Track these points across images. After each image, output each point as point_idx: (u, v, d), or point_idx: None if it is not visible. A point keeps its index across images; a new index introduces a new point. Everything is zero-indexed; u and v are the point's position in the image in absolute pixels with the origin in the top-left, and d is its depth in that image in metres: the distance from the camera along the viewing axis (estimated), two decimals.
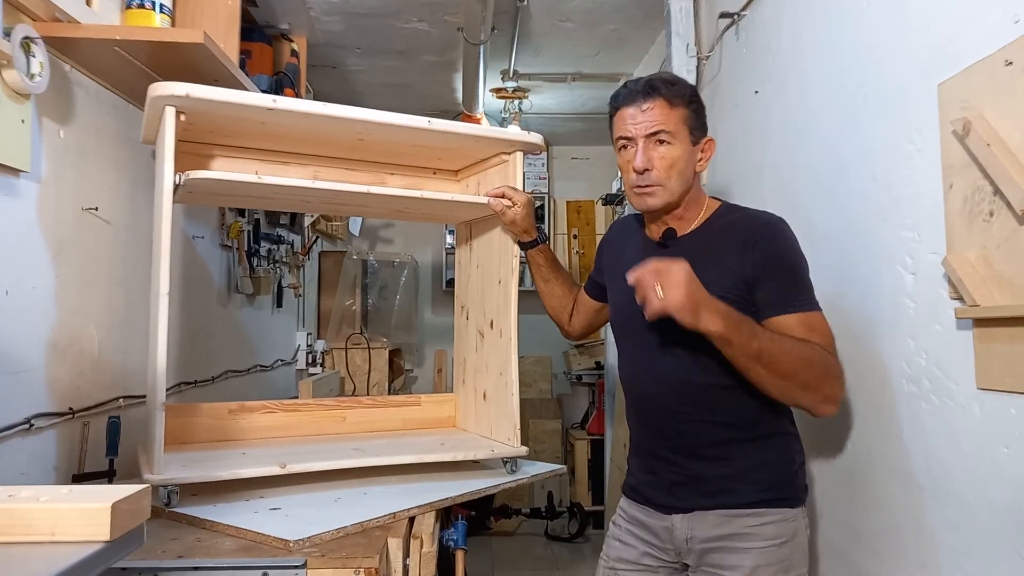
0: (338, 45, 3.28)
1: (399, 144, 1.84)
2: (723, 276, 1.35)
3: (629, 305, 1.41)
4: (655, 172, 1.39)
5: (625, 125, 1.41)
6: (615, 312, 1.58)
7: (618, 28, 3.14)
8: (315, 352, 4.01)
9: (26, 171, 1.50)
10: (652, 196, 1.41)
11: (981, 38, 1.19)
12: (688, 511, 1.41)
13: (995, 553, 1.17)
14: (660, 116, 1.38)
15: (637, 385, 1.50)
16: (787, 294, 1.35)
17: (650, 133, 1.38)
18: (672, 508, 1.43)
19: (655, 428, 1.47)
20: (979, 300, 1.16)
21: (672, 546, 1.43)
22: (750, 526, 1.36)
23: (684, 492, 1.42)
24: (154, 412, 1.44)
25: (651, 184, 1.40)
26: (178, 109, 1.44)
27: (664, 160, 1.39)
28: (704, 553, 1.39)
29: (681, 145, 1.39)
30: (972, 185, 1.19)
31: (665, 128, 1.38)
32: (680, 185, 1.41)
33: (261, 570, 1.25)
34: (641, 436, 1.52)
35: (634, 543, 1.49)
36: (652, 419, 1.47)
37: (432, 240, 5.35)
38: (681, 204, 1.44)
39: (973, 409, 1.22)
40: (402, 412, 2.12)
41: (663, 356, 1.41)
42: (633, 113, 1.39)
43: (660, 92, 1.39)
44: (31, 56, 1.44)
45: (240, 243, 2.89)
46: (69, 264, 1.68)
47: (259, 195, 1.81)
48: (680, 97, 1.40)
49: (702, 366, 1.37)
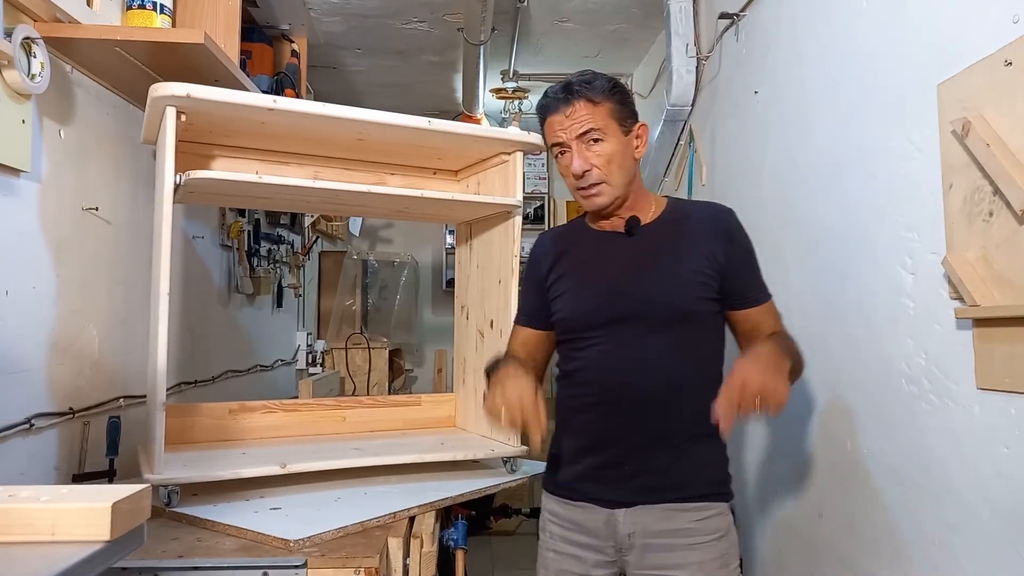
0: (338, 45, 3.28)
1: (399, 144, 1.84)
2: (699, 259, 1.38)
3: (603, 293, 1.42)
4: (595, 171, 1.39)
5: (555, 132, 1.41)
6: (578, 307, 1.48)
7: (618, 28, 3.14)
8: (315, 352, 4.01)
9: (26, 171, 1.50)
10: (599, 195, 1.41)
11: (981, 38, 1.19)
12: (632, 505, 1.37)
13: (995, 553, 1.17)
14: (586, 116, 1.38)
15: (608, 374, 1.42)
16: (757, 286, 1.43)
17: (580, 134, 1.38)
18: (616, 503, 1.39)
19: (622, 420, 1.40)
20: (979, 300, 1.16)
21: (613, 542, 1.39)
22: (694, 520, 1.36)
23: (633, 486, 1.38)
24: (154, 412, 1.44)
25: (594, 183, 1.40)
26: (179, 109, 1.45)
27: (601, 157, 1.39)
28: (645, 550, 1.36)
29: (614, 139, 1.39)
30: (972, 185, 1.19)
31: (594, 126, 1.38)
32: (623, 177, 1.41)
33: (261, 570, 1.26)
34: (597, 430, 1.43)
35: (573, 551, 1.43)
36: (621, 410, 1.40)
37: (432, 240, 5.35)
38: (629, 196, 1.44)
39: (973, 409, 1.22)
40: (402, 412, 2.13)
41: (643, 347, 1.38)
42: (560, 119, 1.40)
43: (580, 93, 1.38)
44: (32, 56, 1.45)
45: (240, 243, 2.90)
46: (69, 264, 1.68)
47: (259, 195, 1.81)
48: (601, 92, 1.39)
49: (679, 361, 1.38)
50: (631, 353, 1.40)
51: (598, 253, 1.47)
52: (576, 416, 1.47)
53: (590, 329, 1.46)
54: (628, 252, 1.44)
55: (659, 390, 1.38)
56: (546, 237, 1.61)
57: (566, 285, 1.51)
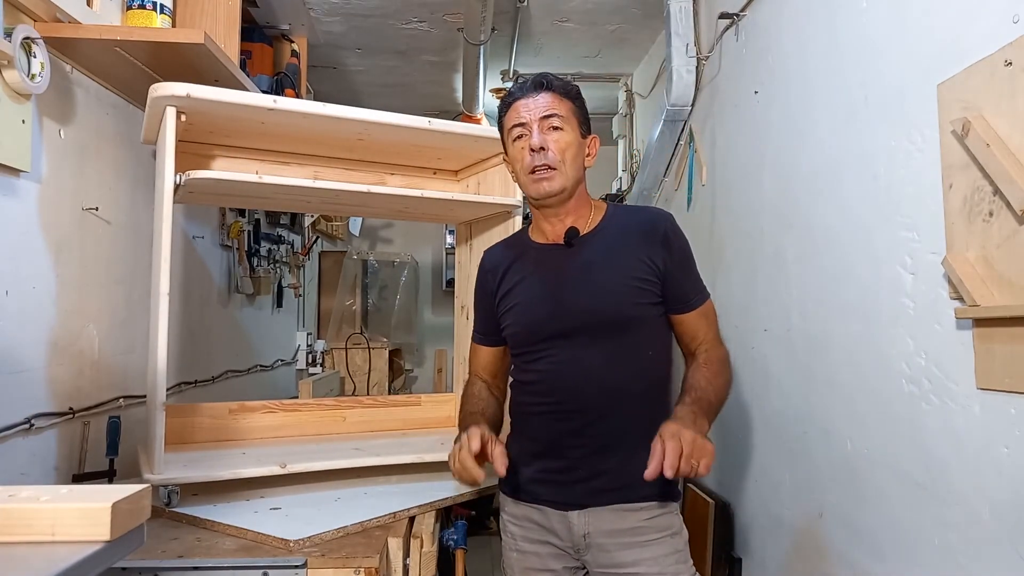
0: (338, 45, 3.28)
1: (399, 144, 1.84)
2: (637, 267, 1.41)
3: (548, 307, 1.45)
4: (551, 153, 1.40)
5: (519, 114, 1.43)
6: (528, 318, 1.49)
7: (618, 28, 3.14)
8: (315, 352, 4.02)
9: (26, 171, 1.50)
10: (549, 180, 1.41)
11: (981, 38, 1.19)
12: (584, 507, 1.40)
13: (995, 553, 1.17)
14: (553, 102, 1.42)
15: (557, 384, 1.44)
16: (691, 290, 1.45)
17: (544, 116, 1.41)
18: (570, 505, 1.41)
19: (570, 426, 1.42)
20: (979, 300, 1.16)
21: (571, 542, 1.42)
22: (644, 520, 1.39)
23: (584, 489, 1.41)
24: (154, 412, 1.44)
25: (547, 165, 1.41)
26: (179, 109, 1.45)
27: (558, 144, 1.41)
28: (600, 550, 1.40)
29: (573, 133, 1.43)
30: (972, 185, 1.19)
31: (558, 113, 1.41)
32: (573, 172, 1.43)
33: (261, 570, 1.26)
34: (547, 435, 1.46)
35: (533, 548, 1.46)
36: (569, 416, 1.42)
37: (432, 240, 5.35)
38: (574, 196, 1.46)
39: (973, 409, 1.22)
40: (402, 412, 2.13)
41: (590, 356, 1.41)
42: (526, 103, 1.43)
43: (548, 85, 1.43)
44: (32, 56, 1.45)
45: (240, 243, 2.90)
46: (69, 264, 1.69)
47: (259, 195, 1.81)
48: (568, 92, 1.44)
49: (625, 367, 1.41)
50: (577, 364, 1.42)
51: (539, 266, 1.50)
52: (528, 422, 1.50)
53: (538, 342, 1.47)
54: (567, 264, 1.46)
55: (605, 398, 1.40)
56: (493, 251, 1.62)
57: (513, 300, 1.52)
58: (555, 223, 1.48)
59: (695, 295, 1.45)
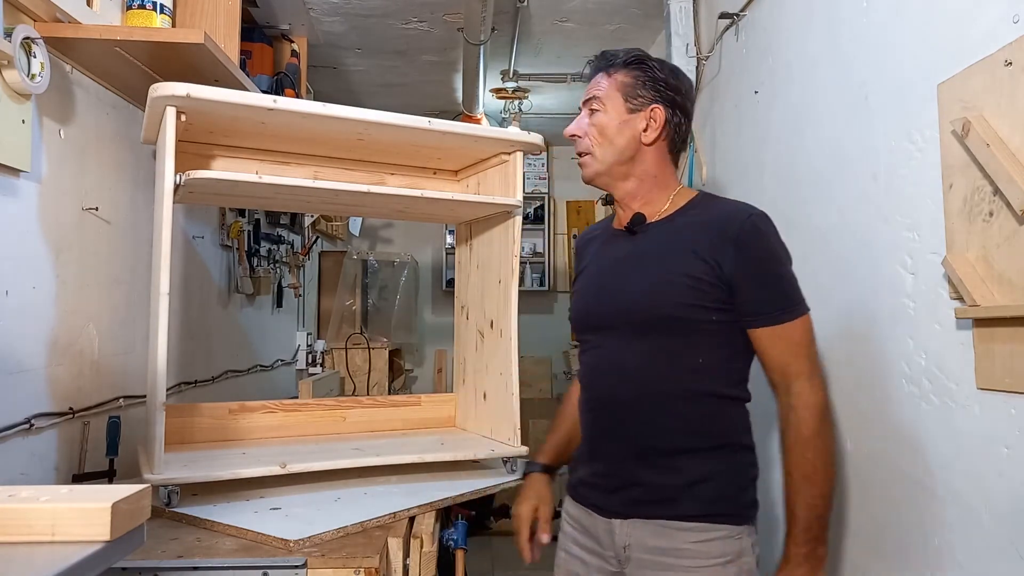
0: (338, 45, 3.28)
1: (399, 144, 1.84)
2: (694, 265, 1.28)
3: (594, 297, 1.41)
4: (584, 140, 1.37)
5: None
6: (579, 306, 1.47)
7: (618, 28, 3.14)
8: (315, 352, 4.01)
9: (26, 171, 1.50)
10: (584, 166, 1.39)
11: (981, 38, 1.19)
12: (627, 517, 1.32)
13: (996, 553, 1.17)
14: (596, 82, 1.38)
15: (597, 380, 1.40)
16: (765, 303, 1.29)
17: (585, 100, 1.38)
18: (612, 512, 1.34)
19: (608, 428, 1.37)
20: (979, 300, 1.16)
21: (612, 552, 1.34)
22: (692, 542, 1.26)
23: (623, 497, 1.33)
24: (154, 412, 1.44)
25: (581, 152, 1.38)
26: (179, 109, 1.45)
27: (593, 127, 1.36)
28: (641, 566, 1.30)
29: (612, 112, 1.35)
30: (972, 185, 1.19)
31: (596, 95, 1.36)
32: (611, 154, 1.35)
33: (261, 570, 1.25)
34: (592, 436, 1.41)
35: (580, 553, 1.41)
36: (606, 418, 1.37)
37: (432, 240, 5.35)
38: (630, 178, 1.38)
39: (973, 409, 1.21)
40: (402, 412, 2.12)
41: (629, 353, 1.33)
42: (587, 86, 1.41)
43: (599, 64, 1.38)
44: (32, 56, 1.45)
45: (240, 243, 2.90)
46: (69, 264, 1.68)
47: (260, 195, 1.81)
48: (618, 65, 1.36)
49: (666, 370, 1.31)
50: (614, 360, 1.35)
51: (603, 253, 1.45)
52: (583, 419, 1.46)
53: (584, 332, 1.45)
54: (625, 253, 1.39)
55: (640, 401, 1.32)
56: (581, 237, 1.60)
57: (577, 285, 1.51)
58: (623, 207, 1.41)
59: (771, 310, 1.28)
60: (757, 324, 1.30)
